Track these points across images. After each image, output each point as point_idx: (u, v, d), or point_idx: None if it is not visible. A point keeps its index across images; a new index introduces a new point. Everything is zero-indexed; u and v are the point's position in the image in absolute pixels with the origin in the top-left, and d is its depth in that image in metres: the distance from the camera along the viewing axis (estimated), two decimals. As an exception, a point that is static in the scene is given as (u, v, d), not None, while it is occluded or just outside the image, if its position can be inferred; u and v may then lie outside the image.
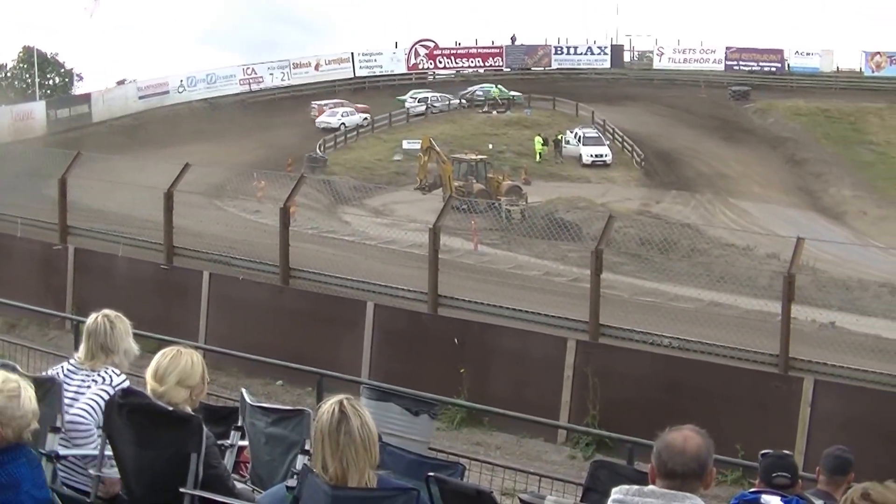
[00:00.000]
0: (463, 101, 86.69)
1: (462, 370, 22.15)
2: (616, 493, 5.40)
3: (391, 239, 37.94)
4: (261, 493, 7.60)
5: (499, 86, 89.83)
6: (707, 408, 19.96)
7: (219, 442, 7.99)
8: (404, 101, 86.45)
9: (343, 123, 78.94)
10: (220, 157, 59.08)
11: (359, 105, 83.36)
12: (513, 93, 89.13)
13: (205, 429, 7.01)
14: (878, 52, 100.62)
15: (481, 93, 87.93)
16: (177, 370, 7.31)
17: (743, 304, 30.50)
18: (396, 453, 7.81)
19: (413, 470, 7.79)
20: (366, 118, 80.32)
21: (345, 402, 5.82)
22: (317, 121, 79.96)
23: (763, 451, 8.84)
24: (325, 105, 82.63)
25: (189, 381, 7.33)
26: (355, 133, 77.34)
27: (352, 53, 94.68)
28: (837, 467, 8.88)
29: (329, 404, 5.84)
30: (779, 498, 7.55)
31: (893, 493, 4.71)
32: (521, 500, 5.52)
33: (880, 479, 4.89)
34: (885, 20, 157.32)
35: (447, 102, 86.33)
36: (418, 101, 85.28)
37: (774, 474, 8.32)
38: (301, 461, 7.85)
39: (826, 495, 8.67)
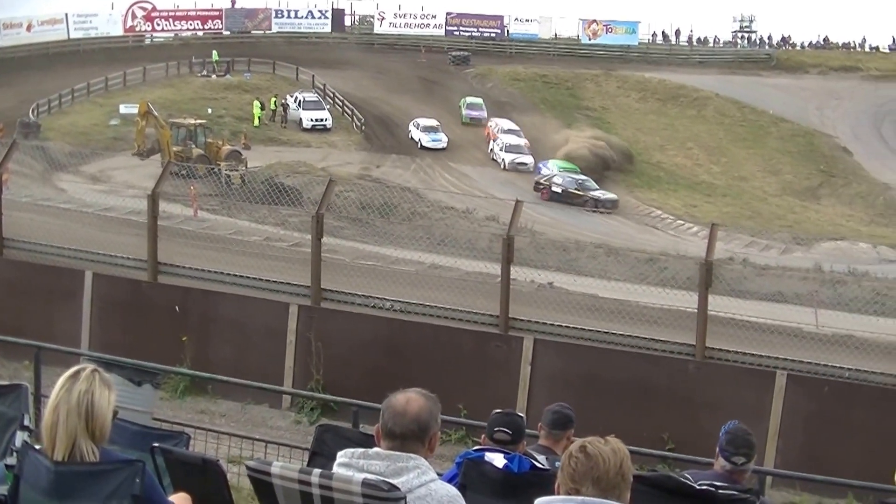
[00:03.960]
0: None
1: (184, 338, 21.92)
2: (342, 456, 5.41)
3: (109, 206, 37.13)
4: (-23, 473, 7.38)
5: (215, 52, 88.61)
6: (430, 369, 20.23)
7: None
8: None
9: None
10: (-76, 123, 56.92)
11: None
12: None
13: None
14: (595, 21, 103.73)
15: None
16: None
17: (463, 267, 30.95)
18: (119, 425, 7.65)
19: (137, 441, 7.65)
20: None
21: (87, 369, 5.71)
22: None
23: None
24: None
25: None
26: (70, 97, 75.16)
27: (66, 14, 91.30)
28: (556, 422, 9.11)
29: (73, 368, 5.73)
30: (502, 455, 7.71)
31: (611, 447, 4.85)
32: (247, 467, 5.47)
33: (599, 432, 5.03)
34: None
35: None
36: None
37: (496, 429, 8.46)
38: (20, 438, 7.63)
39: (547, 450, 8.88)
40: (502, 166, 71.91)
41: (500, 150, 73.18)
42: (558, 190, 64.92)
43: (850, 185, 74.90)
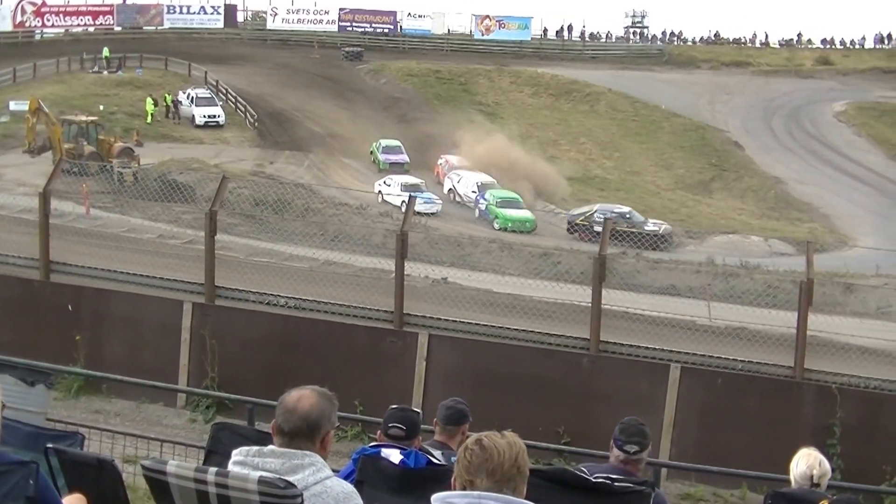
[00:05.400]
0: None
1: (77, 337, 21.74)
2: (236, 454, 5.40)
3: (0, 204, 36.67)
4: None
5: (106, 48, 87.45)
6: (325, 365, 20.26)
7: None
8: None
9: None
10: None
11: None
12: None
13: None
14: (488, 16, 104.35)
15: None
16: None
17: (357, 263, 30.93)
18: (12, 426, 7.58)
19: (30, 442, 7.58)
20: None
21: None
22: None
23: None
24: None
25: None
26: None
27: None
28: (449, 418, 9.14)
29: None
30: (398, 451, 7.74)
31: (507, 440, 4.89)
32: (143, 466, 5.43)
33: (495, 427, 5.07)
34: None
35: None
36: None
37: (390, 425, 8.52)
38: None
39: (443, 445, 8.92)
40: (477, 213, 59.69)
41: (470, 191, 62.02)
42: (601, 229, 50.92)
43: (742, 179, 75.83)
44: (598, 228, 49.40)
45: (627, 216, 56.15)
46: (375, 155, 70.54)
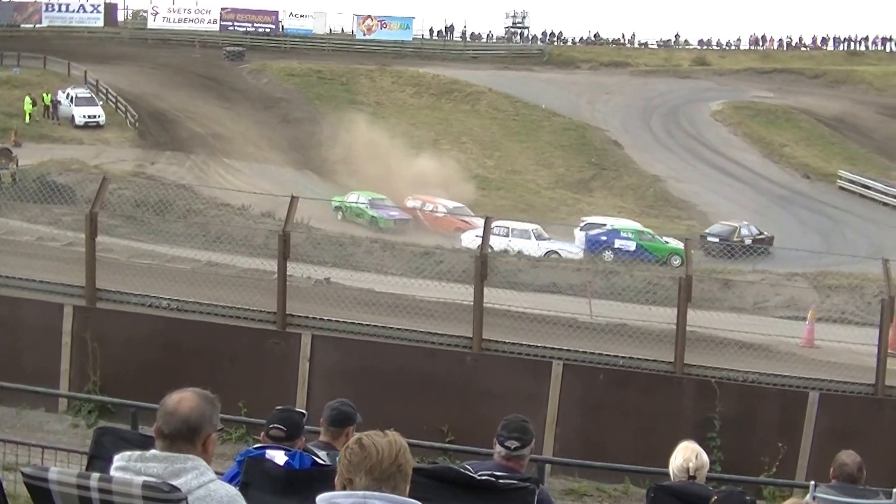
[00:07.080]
0: None
1: (-46, 343, 21.41)
2: (118, 460, 5.35)
3: None
4: None
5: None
6: (209, 368, 20.19)
7: None
8: None
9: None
10: None
11: None
12: None
13: None
14: (369, 16, 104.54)
15: None
16: None
17: (240, 263, 30.78)
18: None
19: None
20: None
21: None
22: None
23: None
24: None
25: None
26: None
27: None
28: (334, 419, 9.20)
29: None
30: (283, 452, 7.78)
31: (388, 439, 4.94)
32: (23, 473, 5.39)
33: (379, 426, 5.12)
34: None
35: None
36: None
37: (271, 426, 8.57)
38: None
39: (328, 446, 8.96)
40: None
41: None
42: (748, 241, 54.72)
43: (622, 177, 76.55)
44: (746, 241, 53.78)
45: (753, 227, 59.49)
46: (362, 212, 57.84)
